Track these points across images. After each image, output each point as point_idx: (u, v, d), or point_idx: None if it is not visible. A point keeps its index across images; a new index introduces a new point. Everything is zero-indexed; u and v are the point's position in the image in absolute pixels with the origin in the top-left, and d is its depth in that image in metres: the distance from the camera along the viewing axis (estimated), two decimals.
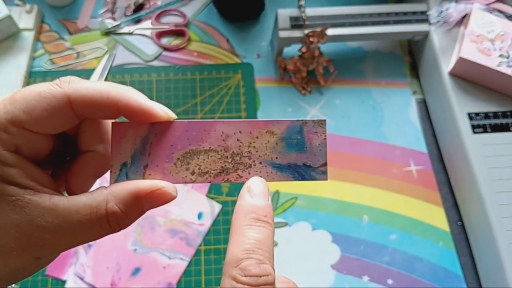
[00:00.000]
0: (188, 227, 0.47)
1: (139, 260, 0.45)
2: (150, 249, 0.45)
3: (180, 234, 0.46)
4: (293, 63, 0.62)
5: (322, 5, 0.70)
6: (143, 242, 0.45)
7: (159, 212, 0.46)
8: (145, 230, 0.46)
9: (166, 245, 0.46)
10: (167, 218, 0.46)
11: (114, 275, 0.44)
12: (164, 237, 0.46)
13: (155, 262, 0.45)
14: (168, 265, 0.45)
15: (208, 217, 0.47)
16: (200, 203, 0.48)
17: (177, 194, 0.25)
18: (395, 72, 0.66)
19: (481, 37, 0.58)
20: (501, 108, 0.58)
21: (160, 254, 0.45)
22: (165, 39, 0.66)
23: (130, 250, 0.45)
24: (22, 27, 0.63)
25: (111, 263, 0.44)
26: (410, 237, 0.56)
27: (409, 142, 0.61)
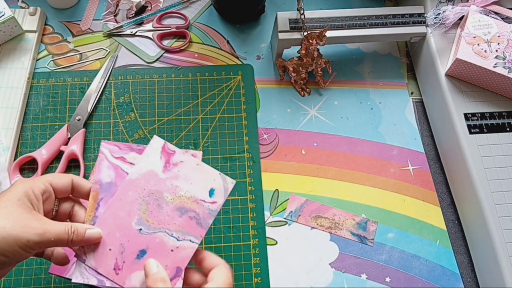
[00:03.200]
0: (198, 205, 0.42)
1: (144, 241, 0.40)
2: (156, 229, 0.41)
3: (190, 213, 0.41)
4: (293, 65, 0.63)
5: (320, 7, 0.71)
6: (149, 221, 0.41)
7: (167, 188, 0.42)
8: (151, 208, 0.41)
9: (174, 225, 0.41)
10: (175, 195, 0.42)
11: (118, 258, 0.40)
12: (172, 216, 0.41)
13: (162, 243, 0.40)
14: (176, 247, 0.40)
15: (220, 194, 0.42)
16: (212, 178, 0.42)
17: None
18: (393, 73, 0.67)
19: (478, 38, 0.59)
20: (497, 108, 0.59)
21: (168, 235, 0.41)
22: (167, 41, 0.67)
23: (135, 230, 0.41)
24: (25, 29, 0.64)
25: (114, 245, 0.40)
26: (408, 236, 0.57)
27: (407, 142, 0.62)
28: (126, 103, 0.62)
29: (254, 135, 0.61)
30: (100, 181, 0.42)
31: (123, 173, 0.43)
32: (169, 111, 0.62)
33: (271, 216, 0.57)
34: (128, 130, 0.60)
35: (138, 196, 0.42)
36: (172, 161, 0.43)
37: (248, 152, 0.60)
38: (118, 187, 0.42)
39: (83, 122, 0.59)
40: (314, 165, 0.60)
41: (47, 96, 0.61)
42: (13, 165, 0.56)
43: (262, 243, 0.55)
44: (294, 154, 0.60)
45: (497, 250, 0.51)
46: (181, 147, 0.59)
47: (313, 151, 0.61)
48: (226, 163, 0.59)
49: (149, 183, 0.42)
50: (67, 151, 0.56)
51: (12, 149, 0.57)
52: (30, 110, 0.60)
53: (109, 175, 0.43)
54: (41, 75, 0.63)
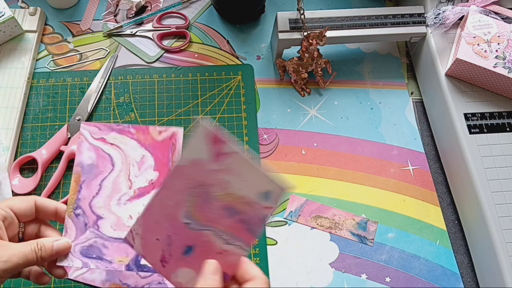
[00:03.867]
0: (250, 207, 0.36)
1: (192, 237, 0.37)
2: (204, 226, 0.37)
3: (241, 215, 0.36)
4: (293, 65, 0.63)
5: (320, 7, 0.71)
6: (197, 216, 0.37)
7: (217, 182, 0.37)
8: (198, 201, 0.37)
9: (223, 224, 0.37)
10: (226, 190, 0.37)
11: (165, 250, 0.37)
12: (220, 216, 0.37)
13: (209, 243, 0.37)
14: (224, 250, 0.36)
15: (275, 200, 0.36)
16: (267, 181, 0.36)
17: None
18: (393, 73, 0.67)
19: (478, 38, 0.59)
20: (497, 108, 0.59)
21: (216, 235, 0.37)
22: (167, 41, 0.67)
23: (183, 223, 0.37)
24: (25, 29, 0.64)
25: (161, 235, 0.37)
26: (408, 236, 0.57)
27: (407, 142, 0.62)
28: (126, 103, 0.62)
29: (254, 135, 0.61)
30: (81, 163, 0.41)
31: (104, 154, 0.41)
32: (169, 111, 0.62)
33: (271, 216, 0.57)
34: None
35: (186, 186, 0.37)
36: (223, 151, 0.37)
37: (248, 152, 0.60)
38: (100, 168, 0.41)
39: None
40: (314, 165, 0.60)
41: (47, 96, 0.61)
42: (13, 165, 0.56)
43: (262, 243, 0.55)
44: (294, 154, 0.60)
45: (497, 250, 0.51)
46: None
47: (313, 151, 0.61)
48: None
49: (197, 172, 0.37)
50: (67, 151, 0.56)
51: (12, 149, 0.57)
52: (30, 110, 0.60)
53: (90, 156, 0.41)
54: (41, 75, 0.63)
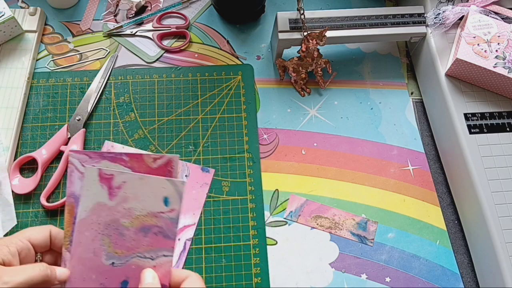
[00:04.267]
0: (158, 218, 0.40)
1: (121, 272, 0.40)
2: (128, 256, 0.40)
3: (153, 229, 0.40)
4: (293, 65, 0.63)
5: (320, 7, 0.71)
6: (118, 252, 0.40)
7: (120, 214, 0.40)
8: (113, 239, 0.40)
9: (143, 246, 0.40)
10: (132, 217, 0.40)
11: None
12: (138, 239, 0.40)
13: (139, 268, 0.40)
14: (153, 266, 0.40)
15: (175, 200, 0.40)
16: (161, 187, 0.40)
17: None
18: (393, 73, 0.67)
19: (478, 38, 0.59)
20: (497, 108, 0.59)
21: (142, 258, 0.40)
22: (167, 41, 0.67)
23: (108, 266, 0.40)
24: (25, 29, 0.64)
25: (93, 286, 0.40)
26: (408, 236, 0.57)
27: (407, 142, 0.62)
28: (126, 103, 0.62)
29: (254, 135, 0.61)
30: (73, 193, 0.41)
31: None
32: (169, 111, 0.62)
33: (271, 216, 0.57)
34: (128, 130, 0.60)
35: (96, 233, 0.40)
36: (114, 185, 0.40)
37: (248, 152, 0.60)
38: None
39: (83, 122, 0.59)
40: (314, 165, 0.60)
41: (47, 96, 0.61)
42: (13, 165, 0.56)
43: (262, 243, 0.55)
44: (294, 154, 0.60)
45: (497, 250, 0.51)
46: (181, 147, 0.59)
47: (313, 151, 0.61)
48: (226, 163, 0.59)
49: (100, 216, 0.40)
50: (67, 151, 0.56)
51: (12, 149, 0.57)
52: (30, 110, 0.60)
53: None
54: (41, 75, 0.63)
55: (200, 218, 0.56)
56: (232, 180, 0.58)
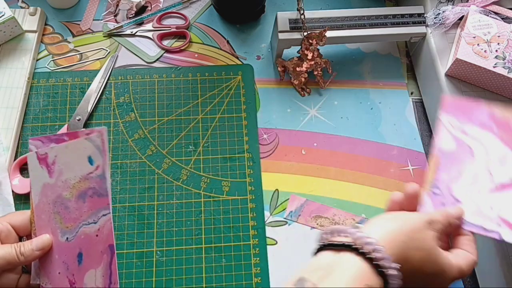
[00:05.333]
0: (89, 180, 0.41)
1: (75, 245, 0.41)
2: (76, 228, 0.41)
3: (89, 192, 0.41)
4: (293, 65, 0.63)
5: (320, 7, 0.71)
6: (68, 227, 0.41)
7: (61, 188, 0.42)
8: (62, 214, 0.42)
9: (85, 213, 0.41)
10: (69, 187, 0.42)
11: (68, 275, 0.41)
12: (79, 207, 0.41)
13: (87, 236, 0.41)
14: (98, 229, 0.40)
15: (97, 156, 0.41)
16: (83, 148, 0.41)
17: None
18: (393, 73, 0.67)
19: (477, 38, 0.59)
20: None
21: (87, 225, 0.41)
22: (167, 41, 0.67)
23: (64, 242, 0.41)
24: (26, 29, 0.64)
25: (59, 267, 0.41)
26: None
27: (406, 142, 0.62)
28: (126, 103, 0.62)
29: (254, 135, 0.61)
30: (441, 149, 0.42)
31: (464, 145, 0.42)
32: (169, 111, 0.62)
33: (271, 216, 0.57)
34: (128, 130, 0.60)
35: (49, 213, 0.42)
36: (50, 162, 0.42)
37: (248, 152, 0.60)
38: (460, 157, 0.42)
39: (83, 122, 0.59)
40: (314, 165, 0.60)
41: (47, 96, 0.61)
42: (13, 165, 0.56)
43: (262, 243, 0.55)
44: (294, 154, 0.60)
45: (497, 250, 0.51)
46: (181, 147, 0.59)
47: (313, 151, 0.61)
48: (226, 163, 0.59)
49: (48, 196, 0.42)
50: None
51: (12, 149, 0.57)
52: (30, 110, 0.60)
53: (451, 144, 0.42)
54: (41, 75, 0.63)
55: (198, 218, 0.56)
56: (232, 180, 0.58)
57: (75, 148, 0.41)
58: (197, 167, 0.59)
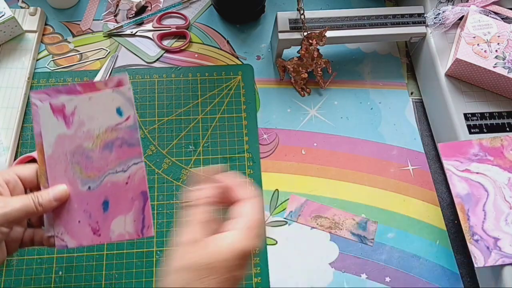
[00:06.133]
0: (117, 131, 0.41)
1: (100, 193, 0.41)
2: (101, 177, 0.41)
3: (116, 143, 0.40)
4: (293, 65, 0.63)
5: (320, 7, 0.71)
6: (91, 176, 0.41)
7: (81, 139, 0.41)
8: (82, 164, 0.41)
9: (112, 162, 0.40)
10: (93, 138, 0.41)
11: (90, 223, 0.41)
12: (104, 157, 0.41)
13: (114, 184, 0.40)
14: (128, 177, 0.40)
15: (127, 107, 0.40)
16: (110, 99, 0.41)
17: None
18: (393, 73, 0.67)
19: (477, 38, 0.59)
20: (497, 108, 0.59)
21: (114, 174, 0.40)
22: (167, 41, 0.67)
23: (86, 191, 0.41)
24: (26, 29, 0.64)
25: (79, 215, 0.41)
26: (407, 236, 0.57)
27: (406, 142, 0.62)
28: None
29: (254, 135, 0.61)
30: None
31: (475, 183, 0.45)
32: (169, 111, 0.62)
33: (271, 216, 0.57)
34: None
35: (65, 164, 0.41)
36: (67, 113, 0.41)
37: (248, 152, 0.60)
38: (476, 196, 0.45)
39: None
40: (314, 165, 0.60)
41: None
42: (13, 165, 0.56)
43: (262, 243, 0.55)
44: (294, 154, 0.60)
45: None
46: (181, 147, 0.59)
47: (313, 151, 0.61)
48: (226, 163, 0.59)
49: (64, 147, 0.41)
50: None
51: (12, 149, 0.57)
52: (30, 110, 0.60)
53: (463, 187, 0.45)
54: (41, 75, 0.63)
55: None
56: None
57: (100, 100, 0.41)
58: (197, 167, 0.59)
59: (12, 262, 0.53)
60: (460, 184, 0.49)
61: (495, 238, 0.49)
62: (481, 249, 0.48)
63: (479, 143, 0.52)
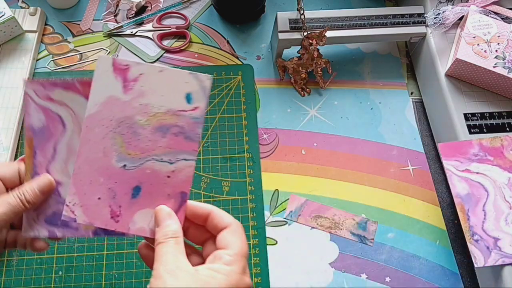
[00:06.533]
0: (179, 117, 0.36)
1: (134, 177, 0.36)
2: (142, 159, 0.36)
3: (173, 129, 0.36)
4: (293, 65, 0.63)
5: (320, 7, 0.71)
6: (131, 154, 0.36)
7: (136, 110, 0.36)
8: (126, 138, 0.36)
9: (160, 148, 0.36)
10: (149, 114, 0.36)
11: (112, 204, 0.36)
12: (154, 139, 0.36)
13: (154, 173, 0.36)
14: (172, 171, 0.36)
15: (199, 97, 0.36)
16: (184, 81, 0.36)
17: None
18: (393, 73, 0.67)
19: (477, 38, 0.59)
20: (497, 108, 0.59)
21: (158, 162, 0.36)
22: (167, 41, 0.67)
23: (119, 169, 0.36)
24: (26, 29, 0.64)
25: (101, 192, 0.36)
26: (407, 236, 0.57)
27: (406, 142, 0.62)
28: None
29: (254, 135, 0.61)
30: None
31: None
32: None
33: (271, 216, 0.57)
34: None
35: (107, 130, 0.36)
36: (130, 77, 0.36)
37: (248, 152, 0.60)
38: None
39: None
40: (314, 165, 0.60)
41: None
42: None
43: (262, 243, 0.55)
44: (294, 154, 0.60)
45: None
46: None
47: (313, 151, 0.61)
48: (226, 163, 0.59)
49: (113, 111, 0.36)
50: None
51: (12, 149, 0.57)
52: None
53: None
54: (41, 75, 0.63)
55: None
56: (232, 180, 0.58)
57: (172, 78, 0.36)
58: (197, 167, 0.59)
59: (12, 262, 0.53)
60: (460, 184, 0.49)
61: (495, 238, 0.49)
62: (481, 249, 0.48)
63: (479, 143, 0.52)
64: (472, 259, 0.48)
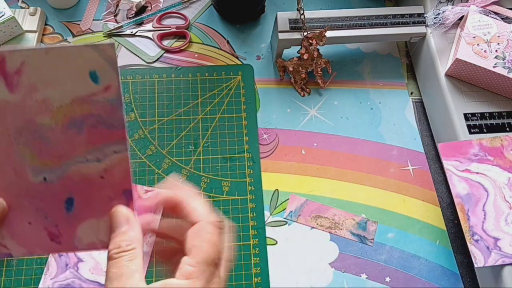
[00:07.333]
0: (90, 104, 0.29)
1: (61, 188, 0.30)
2: (63, 166, 0.29)
3: (88, 121, 0.29)
4: (293, 65, 0.63)
5: (320, 7, 0.71)
6: (47, 164, 0.29)
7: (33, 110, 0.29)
8: (35, 147, 0.29)
9: (81, 147, 0.29)
10: (51, 111, 0.29)
11: (47, 226, 0.30)
12: (70, 139, 0.29)
13: (84, 177, 0.29)
14: (104, 170, 0.29)
15: (107, 72, 0.28)
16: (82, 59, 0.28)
17: None
18: (393, 73, 0.67)
19: (477, 38, 0.59)
20: (497, 108, 0.59)
21: (83, 164, 0.29)
22: (167, 41, 0.67)
23: (39, 184, 0.30)
24: (26, 29, 0.64)
25: (30, 216, 0.30)
26: (407, 236, 0.57)
27: (406, 142, 0.62)
28: (126, 103, 0.62)
29: (254, 135, 0.61)
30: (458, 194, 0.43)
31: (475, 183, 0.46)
32: (169, 111, 0.62)
33: (271, 216, 0.57)
34: (128, 130, 0.60)
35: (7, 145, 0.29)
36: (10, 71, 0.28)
37: (248, 152, 0.60)
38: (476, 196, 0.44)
39: None
40: (314, 165, 0.60)
41: None
42: None
43: (262, 243, 0.55)
44: (294, 154, 0.60)
45: None
46: (181, 147, 0.59)
47: (313, 151, 0.61)
48: (226, 163, 0.59)
49: (6, 120, 0.29)
50: None
51: None
52: None
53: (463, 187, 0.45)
54: None
55: None
56: (232, 180, 0.58)
57: (64, 56, 0.28)
58: (197, 167, 0.59)
59: (12, 262, 0.53)
60: (460, 184, 0.49)
61: (495, 238, 0.49)
62: (481, 249, 0.48)
63: (479, 143, 0.52)
64: (472, 259, 0.48)
